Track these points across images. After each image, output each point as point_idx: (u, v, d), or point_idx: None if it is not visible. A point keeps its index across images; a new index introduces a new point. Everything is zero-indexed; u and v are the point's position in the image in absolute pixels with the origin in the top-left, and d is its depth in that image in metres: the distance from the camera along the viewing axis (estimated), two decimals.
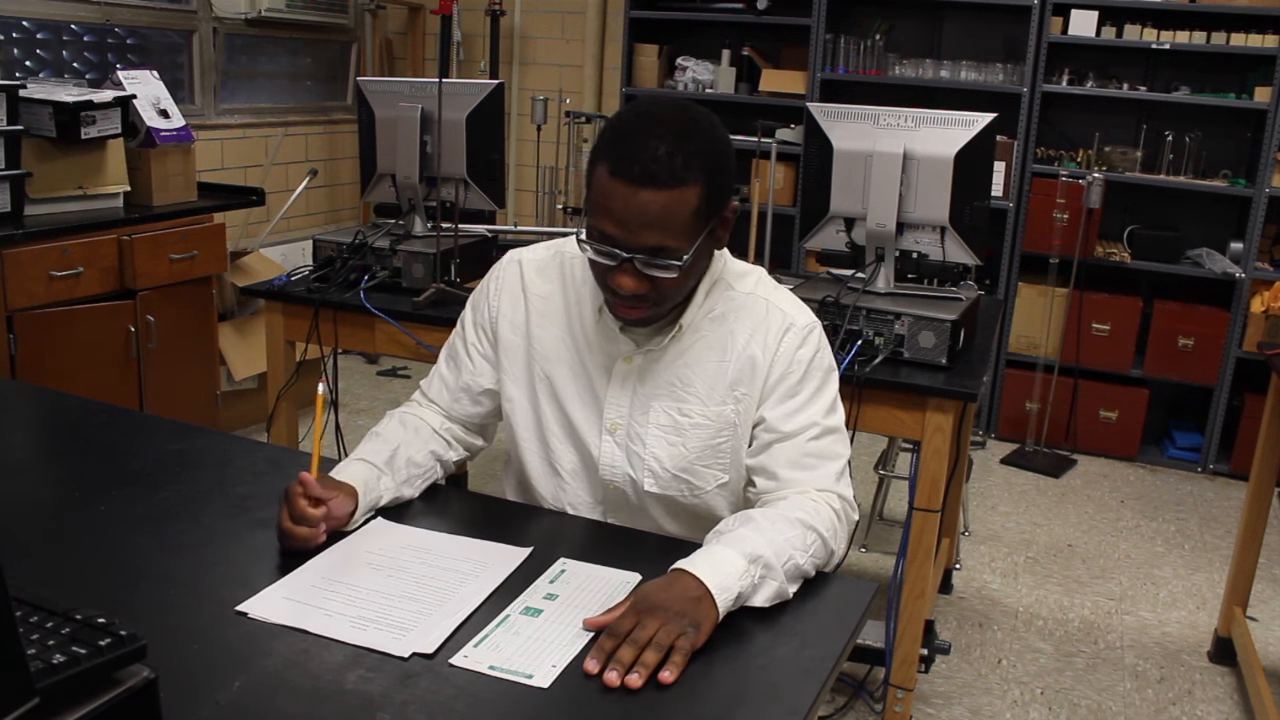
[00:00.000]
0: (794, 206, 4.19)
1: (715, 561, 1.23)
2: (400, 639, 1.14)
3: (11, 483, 1.53)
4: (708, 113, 1.40)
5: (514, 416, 1.59)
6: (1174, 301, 4.28)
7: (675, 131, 1.32)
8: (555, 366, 1.55)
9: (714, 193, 1.36)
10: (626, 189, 1.32)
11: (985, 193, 2.32)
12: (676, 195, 1.32)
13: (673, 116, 1.35)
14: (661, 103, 1.40)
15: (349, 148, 5.16)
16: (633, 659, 1.10)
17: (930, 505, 2.20)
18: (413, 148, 2.62)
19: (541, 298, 1.57)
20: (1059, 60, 4.31)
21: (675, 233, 1.34)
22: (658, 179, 1.31)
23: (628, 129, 1.35)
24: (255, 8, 4.47)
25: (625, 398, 1.51)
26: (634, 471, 1.53)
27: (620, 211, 1.33)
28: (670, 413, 1.50)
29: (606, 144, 1.36)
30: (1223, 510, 3.93)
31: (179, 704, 0.98)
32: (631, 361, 1.51)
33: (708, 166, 1.34)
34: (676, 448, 1.51)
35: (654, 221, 1.33)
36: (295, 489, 1.31)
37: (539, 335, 1.56)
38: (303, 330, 2.54)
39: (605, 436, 1.53)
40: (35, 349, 2.94)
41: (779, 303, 1.51)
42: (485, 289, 1.62)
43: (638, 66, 4.90)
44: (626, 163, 1.31)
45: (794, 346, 1.48)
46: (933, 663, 2.65)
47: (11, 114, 2.95)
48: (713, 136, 1.37)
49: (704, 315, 1.50)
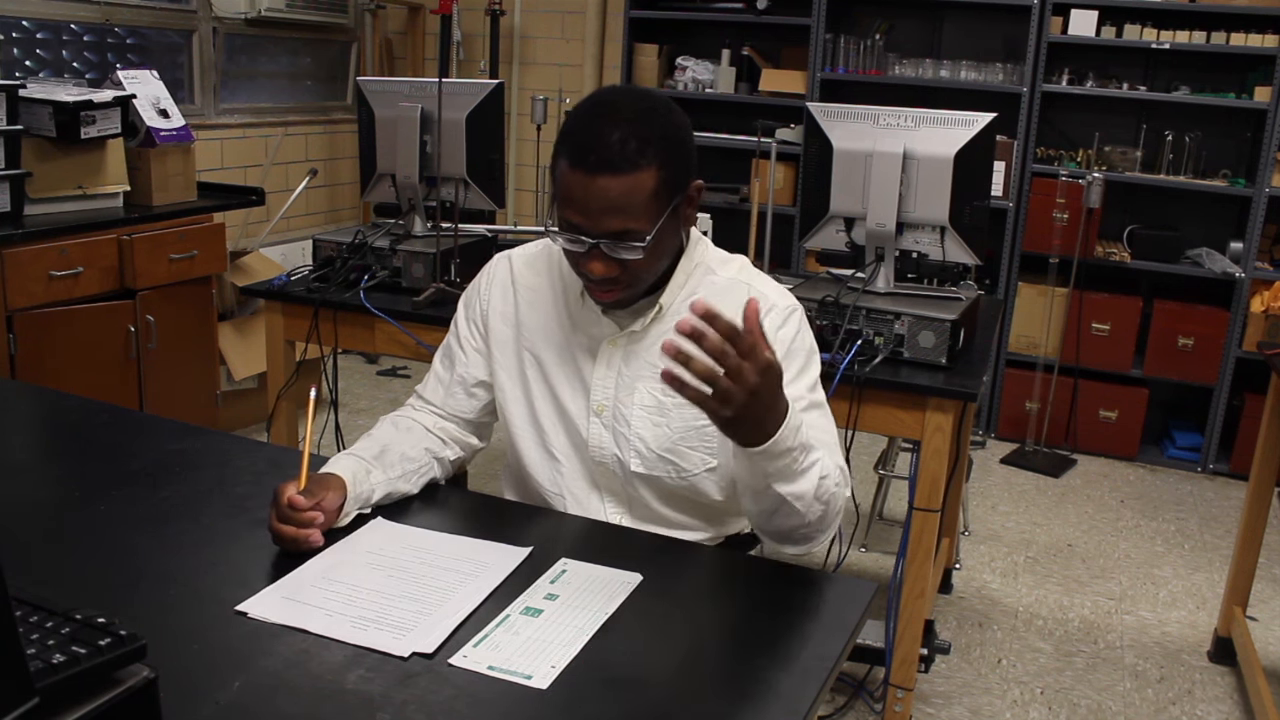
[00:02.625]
0: (794, 206, 4.19)
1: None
2: (400, 639, 1.14)
3: (11, 483, 1.53)
4: (663, 97, 1.47)
5: (507, 406, 1.62)
6: (1174, 301, 4.28)
7: (628, 118, 1.37)
8: (544, 351, 1.59)
9: (672, 173, 1.41)
10: (585, 177, 1.37)
11: (985, 193, 2.32)
12: (633, 179, 1.37)
13: (626, 103, 1.41)
14: (616, 90, 1.46)
15: (349, 148, 5.16)
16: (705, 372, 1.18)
17: (930, 505, 2.20)
18: (413, 148, 2.62)
19: (530, 288, 1.61)
20: (1059, 60, 4.31)
21: (636, 215, 1.39)
22: (612, 164, 1.36)
23: (583, 120, 1.40)
24: (255, 8, 4.47)
25: (611, 379, 1.55)
26: (620, 452, 1.55)
27: (581, 200, 1.38)
28: (654, 393, 1.53)
29: (564, 136, 1.40)
30: (1223, 510, 3.93)
31: (179, 704, 0.98)
32: (616, 344, 1.55)
33: (663, 149, 1.39)
34: (660, 428, 1.53)
35: (614, 206, 1.37)
36: (284, 489, 1.32)
37: (528, 322, 1.60)
38: (303, 330, 2.54)
39: (593, 418, 1.56)
40: (35, 349, 2.94)
41: (760, 287, 1.56)
42: (476, 285, 1.67)
43: (638, 66, 4.90)
44: (583, 152, 1.37)
45: (775, 326, 1.51)
46: (933, 662, 2.65)
47: (11, 114, 2.95)
48: (666, 120, 1.41)
49: (685, 298, 1.53)
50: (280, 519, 1.31)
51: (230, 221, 4.07)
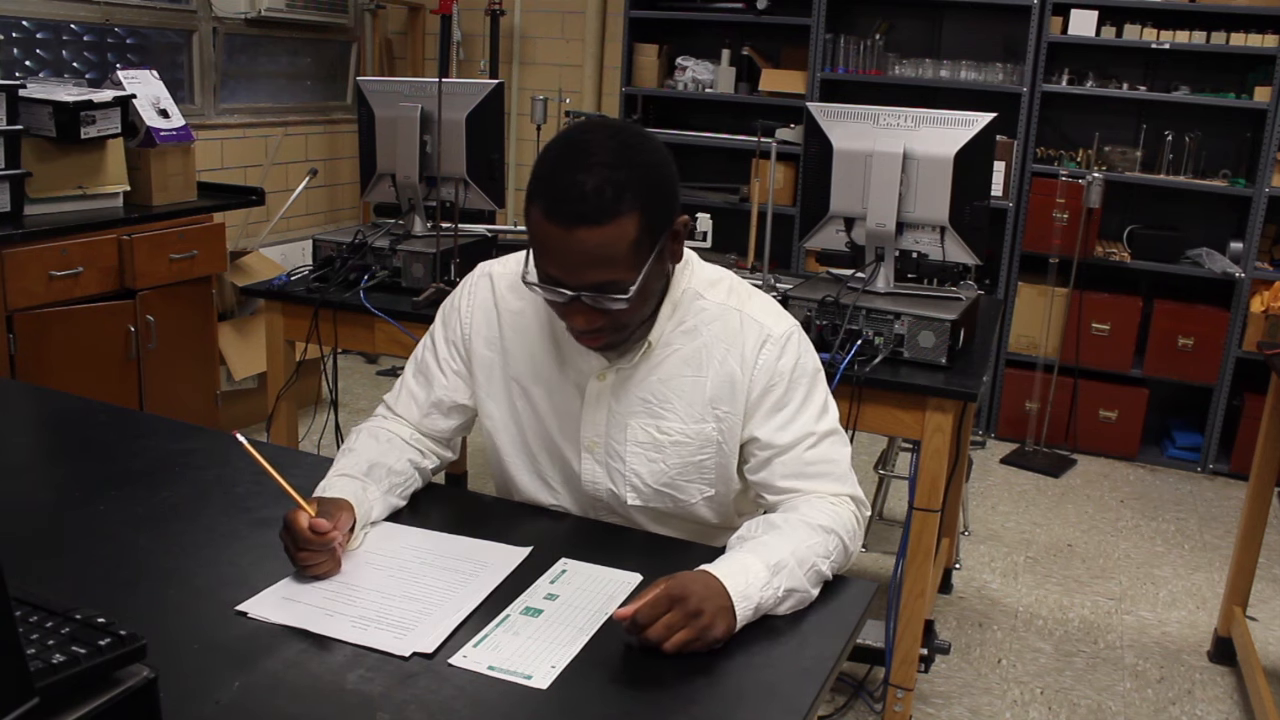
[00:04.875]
0: (794, 206, 4.19)
1: (739, 569, 1.23)
2: (401, 638, 1.14)
3: (11, 483, 1.53)
4: (639, 131, 1.36)
5: (496, 435, 1.56)
6: (1174, 301, 4.28)
7: (603, 161, 1.28)
8: (530, 383, 1.53)
9: (653, 217, 1.32)
10: (561, 231, 1.28)
11: (985, 192, 2.32)
12: (612, 230, 1.28)
13: (598, 143, 1.30)
14: (588, 129, 1.34)
15: (349, 147, 5.16)
16: (661, 640, 1.14)
17: (930, 505, 2.20)
18: (413, 148, 2.62)
19: (514, 313, 1.53)
20: (1059, 60, 4.31)
21: (617, 266, 1.30)
22: (588, 217, 1.26)
23: (556, 166, 1.30)
24: (255, 8, 4.47)
25: (601, 416, 1.49)
26: (616, 487, 1.52)
27: (560, 253, 1.30)
28: (649, 430, 1.48)
29: (536, 184, 1.31)
30: (1222, 510, 3.93)
31: (179, 704, 0.98)
32: (604, 379, 1.49)
33: (642, 192, 1.29)
34: (656, 464, 1.49)
35: (593, 259, 1.29)
36: (297, 517, 1.26)
37: (514, 351, 1.53)
38: (303, 330, 2.54)
39: (585, 454, 1.52)
40: (35, 349, 2.94)
41: (753, 313, 1.47)
42: (456, 304, 1.57)
43: (638, 66, 4.90)
44: (557, 203, 1.27)
45: (773, 359, 1.45)
46: (932, 662, 2.65)
47: (11, 114, 2.94)
48: (644, 161, 1.32)
49: (675, 328, 1.47)
50: (302, 547, 1.25)
51: (230, 221, 4.07)
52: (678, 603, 1.16)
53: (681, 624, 1.15)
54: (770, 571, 1.24)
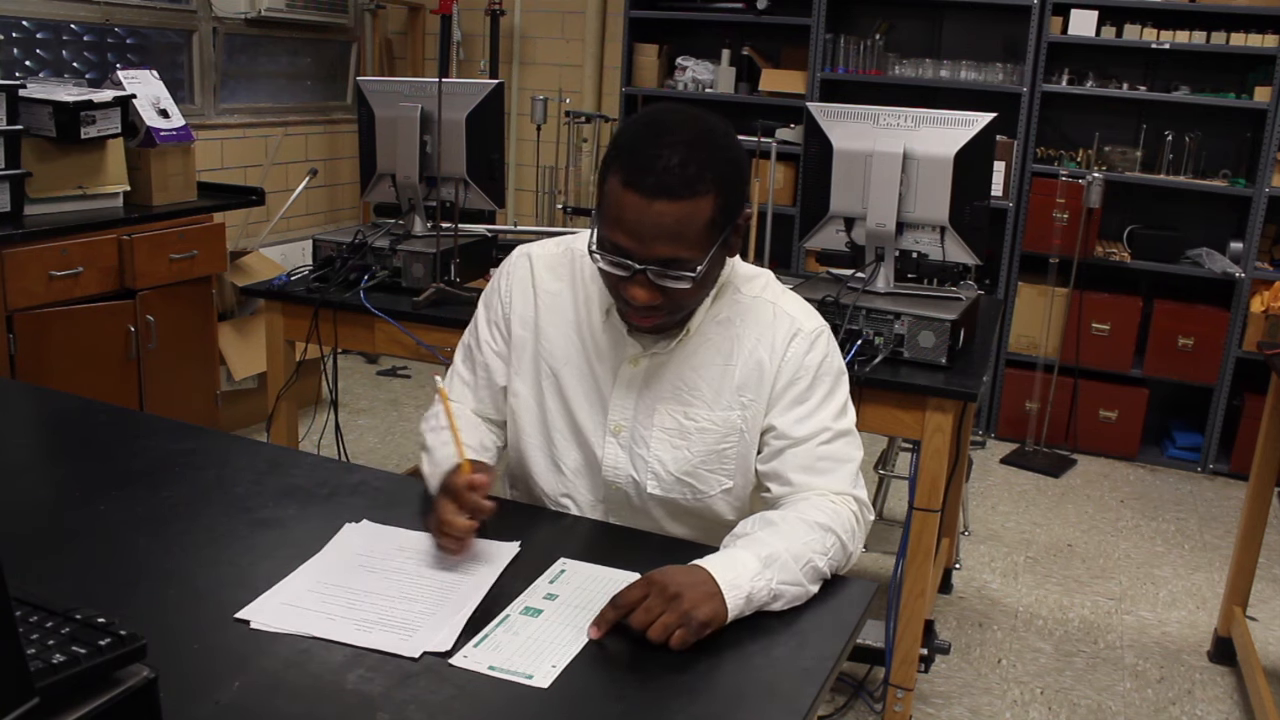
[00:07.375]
0: (794, 206, 4.19)
1: (729, 560, 1.25)
2: (408, 639, 1.14)
3: (11, 483, 1.53)
4: (720, 120, 1.39)
5: (519, 412, 1.59)
6: (1174, 301, 4.28)
7: (689, 141, 1.31)
8: (562, 365, 1.55)
9: (728, 202, 1.35)
10: (640, 200, 1.30)
11: (985, 192, 2.32)
12: (691, 206, 1.31)
13: (686, 125, 1.34)
14: (673, 110, 1.38)
15: (349, 147, 5.16)
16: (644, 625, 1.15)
17: (930, 505, 2.20)
18: (413, 147, 2.62)
19: (551, 294, 1.56)
20: (1059, 60, 4.31)
21: (689, 244, 1.33)
22: (672, 190, 1.29)
23: (640, 138, 1.33)
24: (255, 8, 4.47)
25: (630, 400, 1.51)
26: (637, 474, 1.52)
27: (634, 223, 1.32)
28: (675, 416, 1.50)
29: (618, 154, 1.34)
30: (1222, 510, 3.93)
31: (179, 704, 0.98)
32: (638, 364, 1.51)
33: (722, 176, 1.33)
34: (681, 451, 1.51)
35: (668, 233, 1.32)
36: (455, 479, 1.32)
37: (547, 332, 1.56)
38: (303, 330, 2.54)
39: (609, 438, 1.53)
40: (35, 349, 2.94)
41: (786, 307, 1.51)
42: (497, 286, 1.61)
43: (638, 66, 4.90)
44: (640, 173, 1.30)
45: (801, 352, 1.48)
46: (932, 662, 2.65)
47: (11, 114, 2.95)
48: (726, 145, 1.36)
49: (710, 319, 1.50)
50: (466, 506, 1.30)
51: (230, 221, 4.07)
52: (656, 586, 1.17)
53: (660, 608, 1.15)
54: (762, 563, 1.24)
